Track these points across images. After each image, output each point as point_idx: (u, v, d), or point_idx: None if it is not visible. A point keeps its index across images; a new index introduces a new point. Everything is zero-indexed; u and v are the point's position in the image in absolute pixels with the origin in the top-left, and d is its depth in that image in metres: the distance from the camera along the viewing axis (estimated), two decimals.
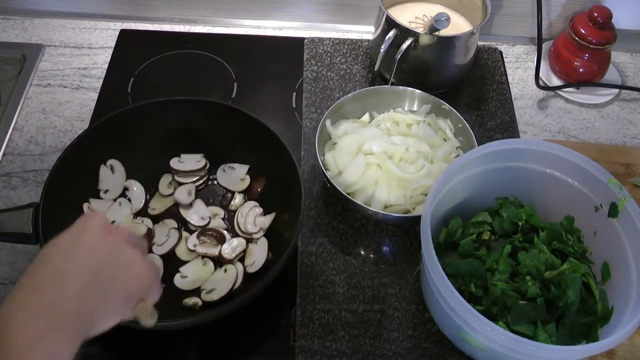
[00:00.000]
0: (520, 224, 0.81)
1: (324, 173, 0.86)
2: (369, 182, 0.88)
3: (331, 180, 0.85)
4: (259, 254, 0.83)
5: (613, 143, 1.05)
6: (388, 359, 0.79)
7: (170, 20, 1.19)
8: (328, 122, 0.92)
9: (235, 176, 0.92)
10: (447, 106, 0.95)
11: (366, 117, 0.97)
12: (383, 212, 0.84)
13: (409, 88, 0.96)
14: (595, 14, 1.03)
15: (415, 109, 0.98)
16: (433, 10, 1.06)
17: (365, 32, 1.18)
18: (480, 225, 0.81)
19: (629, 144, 1.05)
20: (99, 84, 1.07)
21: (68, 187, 0.82)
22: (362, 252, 0.89)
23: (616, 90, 1.12)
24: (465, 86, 1.10)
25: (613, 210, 0.76)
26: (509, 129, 1.04)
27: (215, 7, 1.17)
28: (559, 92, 1.11)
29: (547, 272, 0.75)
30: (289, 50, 1.14)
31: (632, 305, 0.70)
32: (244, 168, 0.92)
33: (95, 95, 1.06)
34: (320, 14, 1.18)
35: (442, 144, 0.93)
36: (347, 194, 0.85)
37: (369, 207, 0.83)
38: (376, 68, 1.02)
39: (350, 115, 0.96)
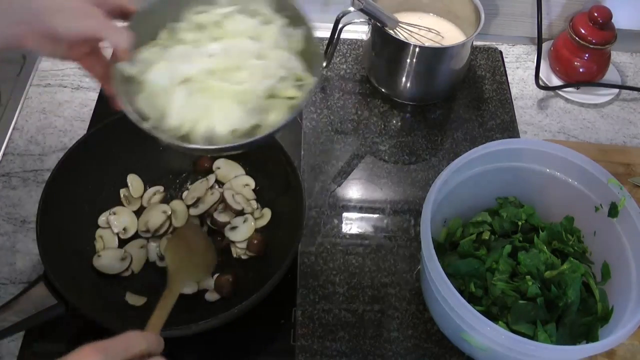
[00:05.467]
0: (520, 223, 0.81)
1: (143, 128, 0.64)
2: (200, 114, 0.67)
3: (156, 133, 0.64)
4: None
5: (613, 143, 1.05)
6: (388, 359, 0.79)
7: None
8: (123, 65, 0.67)
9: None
10: None
11: (164, 36, 0.72)
12: (231, 145, 0.65)
13: None
14: (595, 14, 1.03)
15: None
16: (426, 19, 1.06)
17: (365, 32, 1.18)
18: (480, 225, 0.81)
19: (629, 144, 1.05)
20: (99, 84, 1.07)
21: (67, 196, 0.82)
22: (362, 252, 0.89)
23: (616, 90, 1.12)
24: (465, 86, 1.10)
25: (613, 210, 0.76)
26: (509, 129, 1.04)
27: None
28: (559, 92, 1.11)
29: (547, 272, 0.75)
30: None
31: (632, 305, 0.70)
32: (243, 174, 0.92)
33: (95, 95, 1.05)
34: (320, 13, 1.18)
35: (267, 29, 0.72)
36: (182, 141, 0.65)
37: (210, 147, 0.66)
38: (366, 73, 1.01)
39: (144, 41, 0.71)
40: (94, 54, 0.68)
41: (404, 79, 1.02)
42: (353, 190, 0.96)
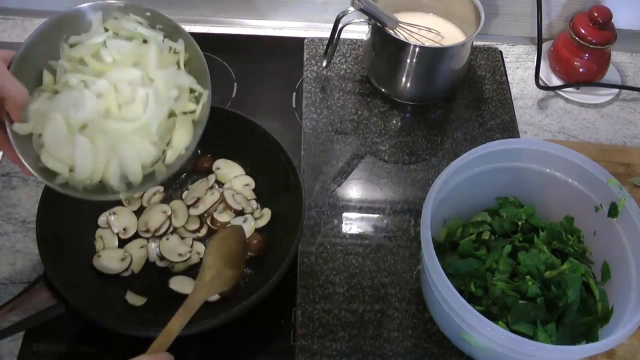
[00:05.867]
0: (520, 223, 0.81)
1: (54, 188, 0.65)
2: (108, 157, 0.66)
3: (68, 190, 0.65)
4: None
5: (613, 143, 1.05)
6: (388, 359, 0.79)
7: None
8: (17, 127, 0.64)
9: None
10: (120, 3, 0.72)
11: (48, 79, 0.69)
12: (149, 184, 0.67)
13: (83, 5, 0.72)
14: (595, 14, 1.03)
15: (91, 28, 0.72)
16: (426, 19, 1.06)
17: (365, 32, 1.18)
18: (480, 225, 0.81)
19: (629, 144, 1.05)
20: None
21: (67, 196, 0.81)
22: (362, 252, 0.89)
23: (616, 90, 1.12)
24: (465, 86, 1.10)
25: (613, 210, 0.76)
26: (509, 129, 1.04)
27: (215, 7, 1.17)
28: (559, 92, 1.11)
29: (547, 272, 0.75)
30: (289, 50, 1.14)
31: (632, 305, 0.70)
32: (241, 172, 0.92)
33: None
34: (320, 14, 1.18)
35: (147, 48, 0.70)
36: (98, 190, 0.66)
37: (126, 191, 0.65)
38: (366, 73, 1.01)
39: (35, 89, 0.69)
40: (4, 129, 0.66)
41: (404, 79, 1.02)
42: (353, 190, 0.96)
